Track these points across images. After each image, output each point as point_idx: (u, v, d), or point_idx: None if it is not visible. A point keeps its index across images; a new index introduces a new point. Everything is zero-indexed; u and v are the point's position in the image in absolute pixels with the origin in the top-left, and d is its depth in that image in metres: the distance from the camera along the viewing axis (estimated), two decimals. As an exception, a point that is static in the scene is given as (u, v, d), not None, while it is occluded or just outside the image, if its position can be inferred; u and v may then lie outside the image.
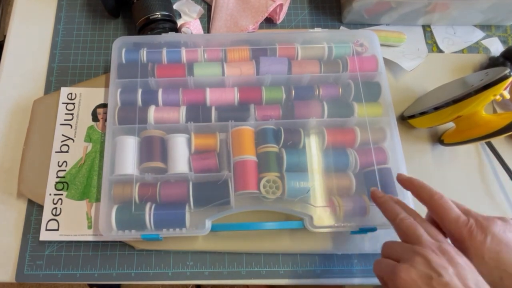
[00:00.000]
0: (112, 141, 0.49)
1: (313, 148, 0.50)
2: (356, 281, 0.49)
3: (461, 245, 0.35)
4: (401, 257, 0.34)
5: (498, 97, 0.44)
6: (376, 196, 0.43)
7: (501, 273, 0.32)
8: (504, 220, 0.36)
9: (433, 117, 0.50)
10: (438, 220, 0.37)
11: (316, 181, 0.48)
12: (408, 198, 0.47)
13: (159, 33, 0.56)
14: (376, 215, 0.45)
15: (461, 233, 0.35)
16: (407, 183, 0.41)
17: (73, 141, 0.53)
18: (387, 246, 0.38)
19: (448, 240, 0.36)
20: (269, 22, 0.63)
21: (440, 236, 0.35)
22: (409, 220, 0.37)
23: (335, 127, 0.52)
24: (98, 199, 0.50)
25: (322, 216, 0.47)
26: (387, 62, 0.57)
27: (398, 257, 0.35)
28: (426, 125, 0.54)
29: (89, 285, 1.01)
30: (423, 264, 0.32)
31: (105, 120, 0.53)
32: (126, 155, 0.49)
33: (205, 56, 0.55)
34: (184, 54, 0.54)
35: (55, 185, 0.51)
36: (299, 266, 0.49)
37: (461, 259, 0.33)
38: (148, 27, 0.56)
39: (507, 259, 0.32)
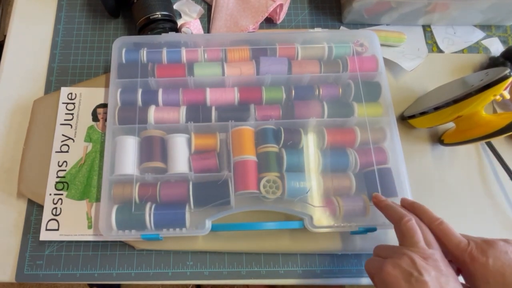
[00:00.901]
0: (112, 141, 0.49)
1: (313, 148, 0.50)
2: (356, 281, 0.49)
3: (466, 271, 0.35)
4: (391, 256, 0.36)
5: (498, 97, 0.44)
6: (378, 200, 0.44)
7: None
8: (507, 241, 0.35)
9: (433, 117, 0.50)
10: (441, 246, 0.37)
11: (316, 181, 0.48)
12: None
13: (159, 33, 0.56)
14: (376, 215, 0.45)
15: (463, 258, 0.35)
16: (409, 208, 0.42)
17: (73, 141, 0.53)
18: (379, 247, 0.39)
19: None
20: (269, 22, 0.63)
21: (435, 245, 0.36)
22: (412, 222, 0.37)
23: (335, 127, 0.52)
24: (98, 199, 0.50)
25: (322, 216, 0.47)
26: (387, 62, 0.57)
27: (388, 256, 0.36)
28: (426, 125, 0.54)
29: (89, 285, 1.01)
30: (408, 263, 0.33)
31: (105, 120, 0.53)
32: (126, 155, 0.49)
33: (205, 56, 0.55)
34: (184, 54, 0.54)
35: (55, 185, 0.51)
36: (299, 266, 0.49)
37: (448, 270, 0.33)
38: (148, 27, 0.56)
39: None
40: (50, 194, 0.50)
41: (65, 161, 0.52)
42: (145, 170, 0.48)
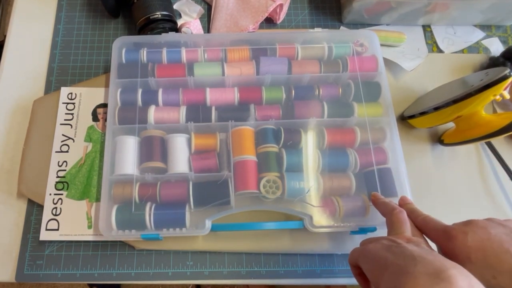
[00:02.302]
0: (112, 141, 0.49)
1: (313, 148, 0.50)
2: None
3: (448, 253, 0.34)
4: (374, 241, 0.36)
5: (498, 97, 0.44)
6: (376, 198, 0.44)
7: (492, 272, 0.31)
8: (488, 219, 0.35)
9: (433, 117, 0.50)
10: (423, 230, 0.38)
11: (316, 181, 0.48)
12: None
13: (159, 33, 0.56)
14: (376, 215, 0.45)
15: (443, 239, 0.35)
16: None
17: (73, 141, 0.53)
18: (364, 240, 0.40)
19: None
20: (269, 22, 0.63)
21: (421, 237, 0.37)
22: (403, 214, 0.38)
23: (335, 127, 0.52)
24: (98, 199, 0.50)
25: (322, 216, 0.47)
26: (387, 62, 0.57)
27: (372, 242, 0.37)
28: (426, 125, 0.54)
29: (89, 285, 1.01)
30: (389, 240, 0.34)
31: (105, 120, 0.53)
32: (126, 155, 0.49)
33: (205, 56, 0.55)
34: (184, 54, 0.54)
35: (55, 185, 0.51)
36: (299, 266, 0.49)
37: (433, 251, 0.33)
38: (148, 27, 0.56)
39: (493, 257, 0.31)
40: (50, 194, 0.50)
41: (65, 161, 0.52)
42: (145, 170, 0.48)
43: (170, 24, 0.57)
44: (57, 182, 0.51)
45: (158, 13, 0.55)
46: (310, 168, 0.49)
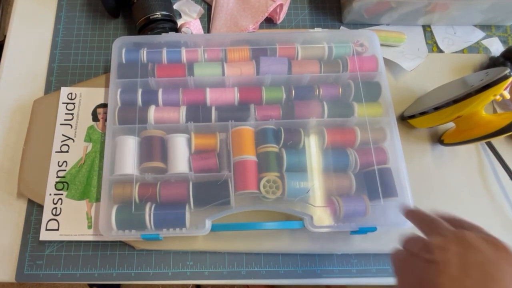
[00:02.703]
0: (112, 141, 0.49)
1: (313, 148, 0.50)
2: (356, 281, 0.49)
3: None
4: (410, 248, 0.33)
5: (498, 97, 0.44)
6: (407, 210, 0.38)
7: None
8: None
9: (433, 117, 0.50)
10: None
11: (316, 181, 0.48)
12: (409, 200, 0.47)
13: (159, 33, 0.56)
14: (376, 215, 0.45)
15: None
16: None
17: (73, 141, 0.53)
18: (405, 240, 0.35)
19: None
20: (269, 22, 0.63)
21: (470, 227, 0.32)
22: (432, 217, 0.34)
23: (335, 127, 0.52)
24: (98, 199, 0.50)
25: (322, 216, 0.47)
26: (387, 62, 0.57)
27: (409, 249, 0.33)
28: (426, 125, 0.54)
29: (89, 285, 1.01)
30: (420, 247, 0.31)
31: (105, 120, 0.53)
32: (126, 155, 0.49)
33: (205, 56, 0.55)
34: (184, 54, 0.54)
35: (55, 185, 0.51)
36: (299, 266, 0.49)
37: (479, 242, 0.29)
38: (148, 27, 0.56)
39: None
40: (50, 194, 0.50)
41: (65, 161, 0.52)
42: (145, 170, 0.48)
43: (170, 24, 0.57)
44: (57, 182, 0.51)
45: (158, 13, 0.55)
46: (310, 168, 0.49)
